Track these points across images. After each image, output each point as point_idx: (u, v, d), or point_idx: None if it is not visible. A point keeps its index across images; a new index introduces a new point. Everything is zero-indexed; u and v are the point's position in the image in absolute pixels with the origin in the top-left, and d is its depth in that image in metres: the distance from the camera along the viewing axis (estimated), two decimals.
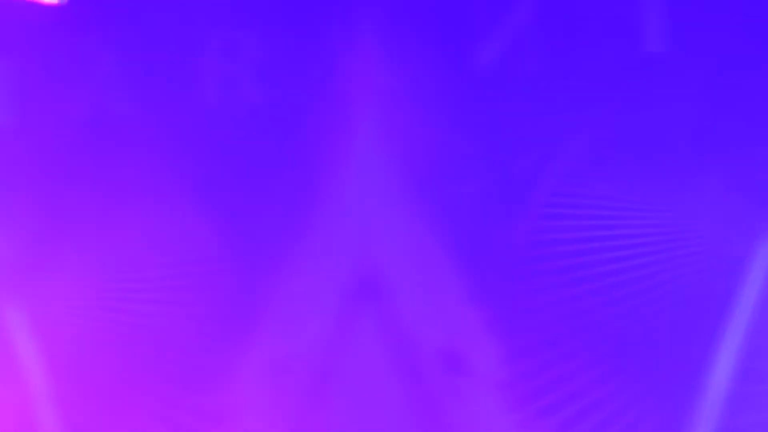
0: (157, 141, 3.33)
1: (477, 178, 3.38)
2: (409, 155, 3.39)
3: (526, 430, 3.35)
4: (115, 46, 3.35)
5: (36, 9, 3.29)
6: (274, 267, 3.38)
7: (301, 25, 3.35)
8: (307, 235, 3.37)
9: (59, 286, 3.25)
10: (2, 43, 3.35)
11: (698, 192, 3.36)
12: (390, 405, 3.36)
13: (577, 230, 3.39)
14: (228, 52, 3.39)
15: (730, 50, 3.34)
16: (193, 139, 3.35)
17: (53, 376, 3.32)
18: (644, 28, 3.44)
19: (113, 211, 3.35)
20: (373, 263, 3.37)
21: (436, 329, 3.38)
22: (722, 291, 3.38)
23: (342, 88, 3.41)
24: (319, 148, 3.38)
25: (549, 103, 3.40)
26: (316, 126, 3.35)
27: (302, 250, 3.38)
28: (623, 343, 3.34)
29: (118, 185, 3.34)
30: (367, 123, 3.37)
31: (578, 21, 3.41)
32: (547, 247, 3.35)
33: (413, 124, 3.39)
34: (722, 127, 3.40)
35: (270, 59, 3.40)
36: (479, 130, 3.41)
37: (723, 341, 3.33)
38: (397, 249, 3.36)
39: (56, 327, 3.31)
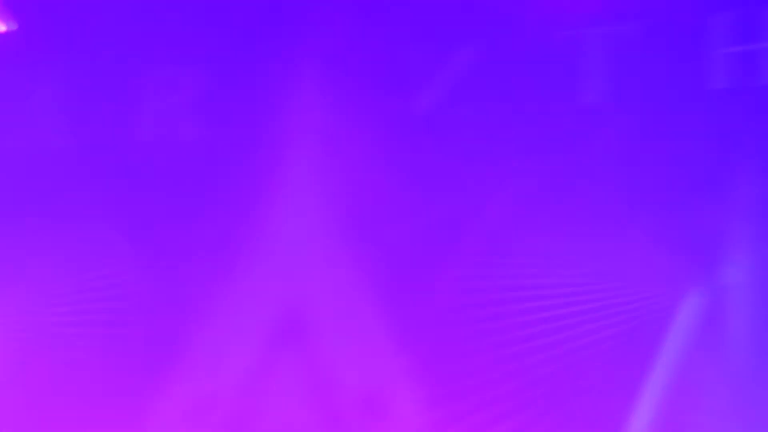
0: (92, 173, 3.26)
1: (406, 224, 3.35)
2: (340, 198, 3.34)
3: None
4: (54, 79, 3.28)
5: None
6: (199, 306, 3.30)
7: (241, 64, 3.31)
8: (234, 276, 3.30)
9: None
10: None
11: (627, 244, 3.36)
12: None
13: (505, 279, 3.37)
14: (165, 87, 3.33)
15: (662, 103, 3.36)
16: (128, 173, 3.28)
17: None
18: (580, 80, 3.45)
19: (48, 238, 3.27)
20: (298, 306, 3.31)
21: (359, 373, 3.32)
22: (647, 343, 3.38)
23: (278, 126, 3.37)
24: (250, 187, 3.33)
25: (481, 151, 3.38)
26: (251, 166, 3.30)
27: (228, 289, 3.31)
28: (547, 391, 3.32)
29: (54, 214, 3.26)
30: (300, 163, 3.32)
31: (514, 73, 3.41)
32: (473, 295, 3.32)
33: (346, 166, 3.35)
34: (652, 180, 3.42)
35: (207, 95, 3.35)
36: (412, 175, 3.39)
37: (645, 392, 3.33)
38: (321, 292, 3.31)
39: None
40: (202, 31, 3.35)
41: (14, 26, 3.22)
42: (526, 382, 3.26)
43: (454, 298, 3.18)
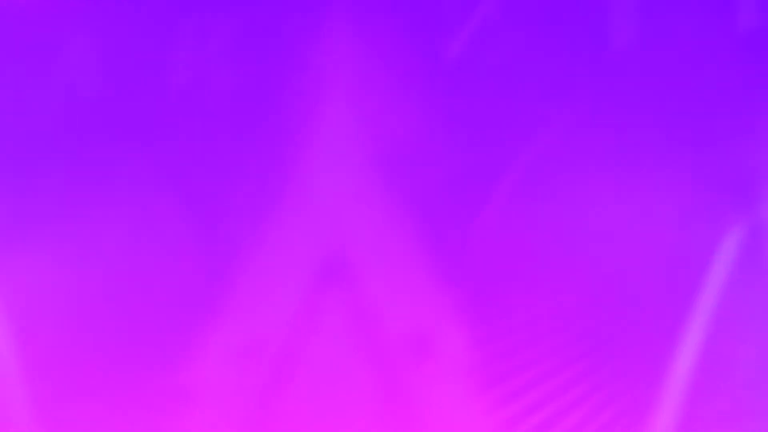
0: (126, 125, 3.38)
1: (445, 166, 3.42)
2: (377, 142, 3.43)
3: (491, 414, 3.34)
4: (87, 30, 3.42)
5: None
6: (242, 250, 3.41)
7: (272, 12, 3.41)
8: (275, 219, 3.40)
9: (35, 265, 3.29)
10: None
11: (667, 185, 3.39)
12: (355, 388, 3.36)
13: (544, 219, 3.42)
14: (198, 38, 3.44)
15: (698, 47, 3.38)
16: (162, 124, 3.40)
17: (24, 355, 3.35)
18: (613, 24, 3.49)
19: (84, 194, 3.40)
20: (341, 247, 3.40)
21: (403, 313, 3.40)
22: (688, 284, 3.40)
23: (312, 74, 3.46)
24: (288, 134, 3.43)
25: (517, 94, 3.44)
26: (286, 112, 3.40)
27: (270, 233, 3.41)
28: (588, 329, 3.36)
29: (89, 168, 3.39)
30: (337, 109, 3.41)
31: (548, 14, 3.46)
32: (515, 236, 3.38)
33: (382, 112, 3.43)
34: (691, 123, 3.44)
35: (240, 45, 3.46)
36: (448, 119, 3.46)
37: (688, 333, 3.35)
38: (364, 233, 3.39)
39: (29, 307, 3.35)
40: None
41: None
42: (568, 321, 3.30)
43: (492, 238, 3.24)
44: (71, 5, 3.33)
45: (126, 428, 3.29)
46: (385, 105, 3.38)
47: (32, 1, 3.34)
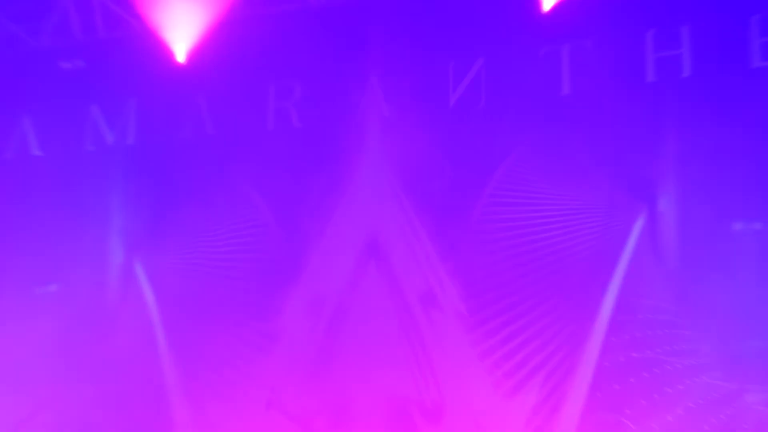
0: (237, 154, 5.11)
1: (446, 180, 5.06)
2: (400, 161, 5.08)
3: (479, 345, 4.94)
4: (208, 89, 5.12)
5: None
6: (312, 235, 5.08)
7: (331, 76, 5.10)
8: (332, 214, 5.05)
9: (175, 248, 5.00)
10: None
11: (593, 189, 4.99)
12: (385, 328, 4.99)
13: (514, 215, 5.03)
14: (283, 93, 5.15)
15: (614, 97, 4.97)
16: (259, 149, 5.09)
17: (166, 312, 5.02)
18: (560, 80, 5.12)
19: (206, 202, 5.11)
20: (375, 233, 5.05)
21: (417, 278, 5.03)
22: (610, 253, 4.97)
23: (357, 116, 5.13)
24: (345, 161, 5.09)
25: (494, 130, 5.06)
26: (344, 146, 5.08)
27: (329, 223, 5.08)
28: (544, 285, 4.95)
29: (213, 184, 5.11)
30: (375, 144, 5.09)
31: (509, 80, 5.09)
32: (493, 227, 5.00)
33: (403, 144, 5.09)
34: (608, 146, 5.01)
35: (311, 97, 5.16)
36: (448, 147, 5.10)
37: (609, 284, 4.93)
38: (391, 223, 5.04)
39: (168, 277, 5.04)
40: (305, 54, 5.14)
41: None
42: (530, 279, 4.90)
43: (482, 225, 4.87)
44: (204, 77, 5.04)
45: (236, 357, 4.95)
46: (405, 140, 5.04)
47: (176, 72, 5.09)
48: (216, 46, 5.17)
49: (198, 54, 5.21)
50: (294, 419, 4.96)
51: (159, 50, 5.27)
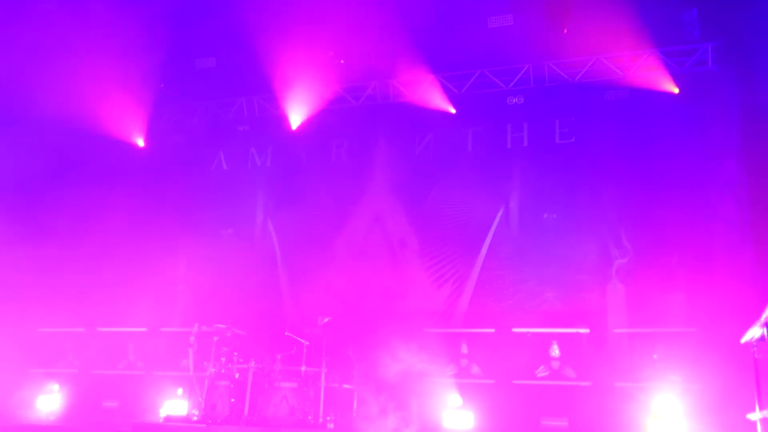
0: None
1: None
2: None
3: (426, 264, 10.50)
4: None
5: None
6: (347, 214, 10.86)
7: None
8: (357, 205, 10.84)
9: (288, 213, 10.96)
10: None
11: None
12: (381, 257, 10.65)
13: (448, 205, 10.71)
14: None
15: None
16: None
17: (281, 243, 10.95)
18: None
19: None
20: (378, 213, 10.80)
21: (396, 232, 10.68)
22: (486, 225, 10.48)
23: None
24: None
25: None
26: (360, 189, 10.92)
27: (355, 208, 10.89)
28: (452, 238, 10.49)
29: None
30: (380, 185, 10.90)
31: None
32: (438, 207, 10.69)
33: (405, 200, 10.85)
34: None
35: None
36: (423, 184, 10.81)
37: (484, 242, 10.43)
38: (386, 208, 10.79)
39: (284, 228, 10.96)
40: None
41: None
42: (447, 236, 10.50)
43: (432, 207, 10.54)
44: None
45: (316, 260, 10.72)
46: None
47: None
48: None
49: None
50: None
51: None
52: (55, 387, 10.24)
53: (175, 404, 9.34)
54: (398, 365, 8.75)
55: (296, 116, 11.31)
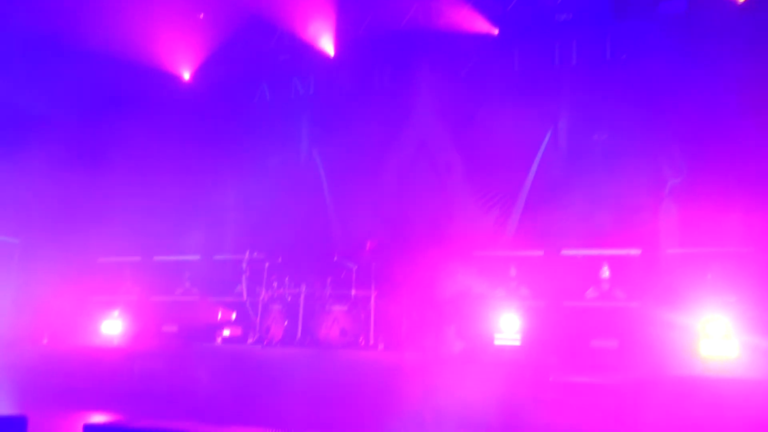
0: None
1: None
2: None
3: (473, 188, 10.30)
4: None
5: None
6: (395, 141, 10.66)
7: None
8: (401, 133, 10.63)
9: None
10: None
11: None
12: (428, 180, 10.48)
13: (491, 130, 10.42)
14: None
15: None
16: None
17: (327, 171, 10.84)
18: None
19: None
20: (423, 141, 10.56)
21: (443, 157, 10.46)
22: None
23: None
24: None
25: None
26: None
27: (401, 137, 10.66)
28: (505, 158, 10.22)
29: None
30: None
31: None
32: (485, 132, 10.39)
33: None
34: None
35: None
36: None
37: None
38: (433, 137, 10.53)
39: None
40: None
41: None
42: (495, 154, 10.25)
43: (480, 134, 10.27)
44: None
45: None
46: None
47: None
48: None
49: None
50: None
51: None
52: (116, 313, 10.64)
53: (231, 328, 9.61)
54: (446, 288, 8.75)
55: (336, 43, 11.06)
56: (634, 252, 9.01)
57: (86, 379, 9.04)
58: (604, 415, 6.80)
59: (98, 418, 5.40)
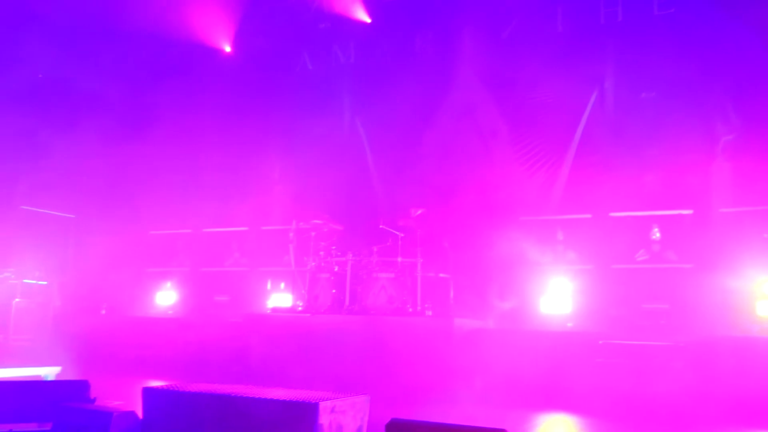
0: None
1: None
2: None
3: (515, 149, 10.11)
4: None
5: None
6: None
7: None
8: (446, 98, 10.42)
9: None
10: None
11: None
12: (473, 143, 10.30)
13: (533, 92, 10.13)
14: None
15: None
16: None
17: (369, 136, 10.74)
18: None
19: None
20: (470, 103, 10.35)
21: (488, 123, 10.26)
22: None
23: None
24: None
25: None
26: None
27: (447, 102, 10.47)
28: (549, 124, 9.98)
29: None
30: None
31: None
32: (529, 99, 10.11)
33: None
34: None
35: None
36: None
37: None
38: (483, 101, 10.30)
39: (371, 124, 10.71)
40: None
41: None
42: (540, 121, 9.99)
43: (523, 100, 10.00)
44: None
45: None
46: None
47: None
48: None
49: None
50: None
51: None
52: (170, 284, 10.91)
53: (280, 297, 9.71)
54: (493, 253, 8.65)
55: (375, 8, 10.89)
56: (686, 212, 8.74)
57: (143, 347, 9.38)
58: (655, 377, 6.69)
59: (155, 383, 5.54)
